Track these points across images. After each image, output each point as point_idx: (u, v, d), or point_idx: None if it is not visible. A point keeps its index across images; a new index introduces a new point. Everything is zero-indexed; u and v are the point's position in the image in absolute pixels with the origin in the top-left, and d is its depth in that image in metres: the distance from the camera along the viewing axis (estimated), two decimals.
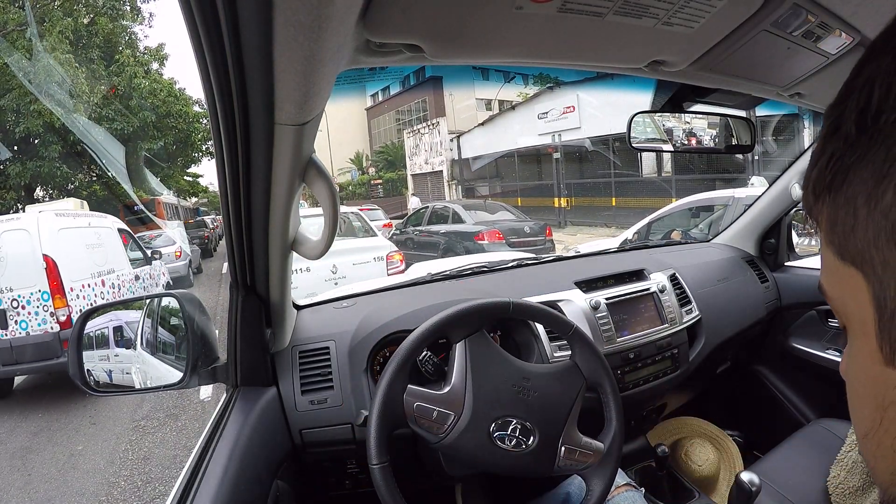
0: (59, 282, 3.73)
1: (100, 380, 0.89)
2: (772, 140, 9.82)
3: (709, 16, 0.51)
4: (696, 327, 1.29)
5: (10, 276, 3.67)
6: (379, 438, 0.69)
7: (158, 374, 0.91)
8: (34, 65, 10.22)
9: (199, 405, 3.53)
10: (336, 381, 0.94)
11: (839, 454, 1.01)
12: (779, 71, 0.71)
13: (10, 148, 11.61)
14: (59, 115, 10.48)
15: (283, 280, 0.82)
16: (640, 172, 12.63)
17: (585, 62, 0.61)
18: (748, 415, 1.66)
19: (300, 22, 0.36)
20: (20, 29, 10.87)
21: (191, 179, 23.86)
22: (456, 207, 7.95)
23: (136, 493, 2.52)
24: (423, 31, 0.46)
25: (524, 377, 0.77)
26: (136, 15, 13.50)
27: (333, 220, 0.64)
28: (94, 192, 13.20)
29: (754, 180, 6.85)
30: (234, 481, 0.67)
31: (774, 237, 1.56)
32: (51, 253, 3.76)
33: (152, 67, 14.06)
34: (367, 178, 25.28)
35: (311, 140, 0.57)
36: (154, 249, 6.16)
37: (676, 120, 1.02)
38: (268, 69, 0.41)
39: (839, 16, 0.57)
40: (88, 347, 0.88)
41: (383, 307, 1.06)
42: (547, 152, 13.93)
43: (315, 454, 0.95)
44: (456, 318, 0.77)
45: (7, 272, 3.68)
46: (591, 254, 1.56)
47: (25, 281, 3.68)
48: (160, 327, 0.98)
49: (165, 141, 14.51)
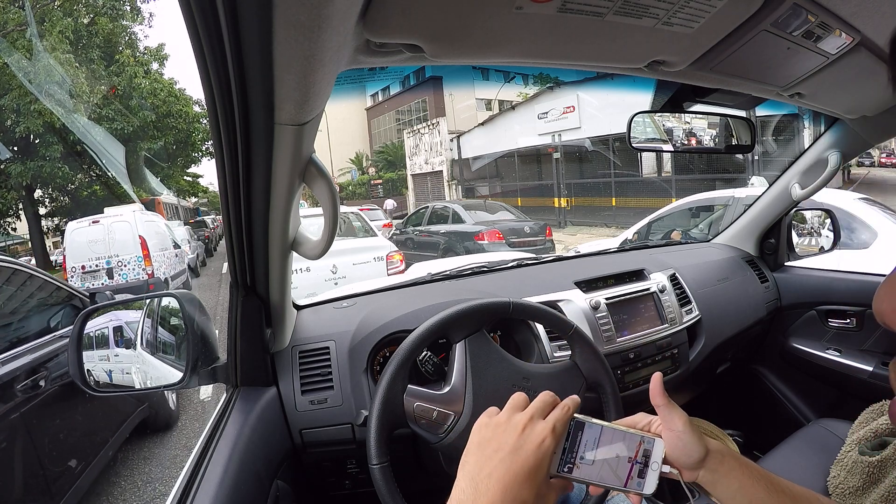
0: (148, 251, 6.57)
1: (100, 380, 0.89)
2: (772, 140, 9.82)
3: (709, 16, 0.51)
4: (696, 327, 1.29)
5: (117, 248, 6.54)
6: (379, 438, 0.68)
7: (158, 374, 0.91)
8: (34, 65, 10.22)
9: (199, 405, 3.53)
10: (336, 381, 0.94)
11: (839, 454, 1.01)
12: (779, 71, 0.71)
13: (10, 148, 11.62)
14: (59, 115, 10.49)
15: (283, 280, 0.82)
16: (640, 172, 12.63)
17: (585, 62, 0.61)
18: (748, 415, 1.66)
19: (300, 22, 0.36)
20: (20, 29, 10.87)
21: (191, 179, 23.85)
22: (456, 207, 7.94)
23: (136, 493, 2.52)
24: (423, 31, 0.46)
25: (524, 377, 0.77)
26: (136, 15, 13.51)
27: (333, 220, 0.64)
28: (94, 192, 13.20)
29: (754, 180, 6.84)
30: (234, 481, 0.67)
31: (774, 237, 1.56)
32: (143, 234, 6.62)
33: (152, 67, 14.08)
34: (367, 178, 25.28)
35: (311, 140, 0.57)
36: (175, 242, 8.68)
37: (676, 120, 1.02)
38: (268, 69, 0.41)
39: (839, 16, 0.57)
40: (88, 347, 0.88)
41: (383, 307, 1.06)
42: (547, 152, 13.93)
43: (315, 454, 0.94)
44: (456, 318, 0.77)
45: (115, 245, 6.54)
46: (591, 254, 1.56)
47: (128, 250, 6.51)
48: (160, 327, 0.98)
49: (165, 141, 14.51)
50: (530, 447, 0.46)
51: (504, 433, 0.47)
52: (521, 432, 0.47)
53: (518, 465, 0.45)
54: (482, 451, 0.47)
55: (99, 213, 7.53)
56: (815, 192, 1.31)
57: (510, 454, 0.45)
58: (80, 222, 6.86)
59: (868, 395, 1.16)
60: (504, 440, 0.46)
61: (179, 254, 8.33)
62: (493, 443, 0.47)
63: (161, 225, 7.86)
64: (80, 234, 6.63)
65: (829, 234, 1.57)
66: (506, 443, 0.46)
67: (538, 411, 0.49)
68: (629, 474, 0.50)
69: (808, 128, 9.22)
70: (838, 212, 1.69)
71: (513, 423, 0.48)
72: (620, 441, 0.51)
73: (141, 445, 2.98)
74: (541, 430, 0.47)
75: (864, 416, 1.05)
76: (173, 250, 7.82)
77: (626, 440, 0.51)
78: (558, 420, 0.49)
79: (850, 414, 1.10)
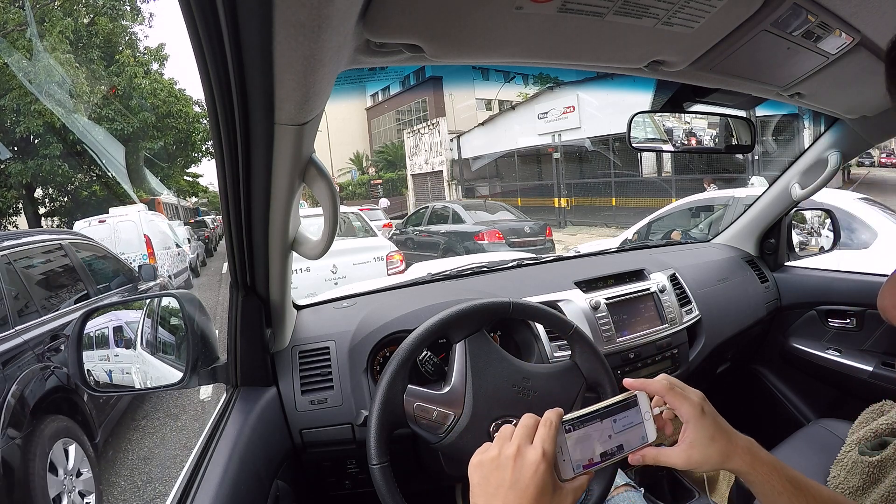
0: (153, 249, 6.90)
1: (100, 379, 0.89)
2: (772, 140, 9.82)
3: (709, 16, 0.51)
4: (696, 327, 1.29)
5: (123, 246, 6.67)
6: (379, 438, 0.68)
7: (158, 374, 0.91)
8: (34, 65, 10.22)
9: (199, 405, 3.53)
10: (336, 381, 0.94)
11: (839, 454, 1.01)
12: (779, 71, 0.71)
13: (10, 148, 11.61)
14: (59, 115, 10.49)
15: (283, 280, 0.82)
16: (640, 172, 12.63)
17: (585, 62, 0.61)
18: (748, 415, 1.66)
19: (300, 22, 0.36)
20: (20, 29, 10.86)
21: (191, 179, 23.86)
22: (456, 207, 7.94)
23: (136, 493, 2.52)
24: (423, 31, 0.46)
25: (524, 377, 0.77)
26: (136, 15, 13.50)
27: (333, 220, 0.64)
28: (94, 192, 13.20)
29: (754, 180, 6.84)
30: (234, 481, 0.67)
31: (774, 237, 1.56)
32: (147, 233, 6.96)
33: (152, 67, 14.06)
34: (367, 178, 25.28)
35: (311, 140, 0.57)
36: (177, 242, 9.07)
37: (676, 120, 1.02)
38: (268, 69, 0.41)
39: (839, 16, 0.57)
40: (88, 347, 0.88)
41: (383, 307, 1.06)
42: (547, 152, 13.93)
43: (315, 454, 0.94)
44: (456, 318, 0.77)
45: (120, 244, 6.71)
46: (591, 254, 1.56)
47: (132, 249, 6.72)
48: (160, 327, 0.98)
49: (165, 141, 14.50)
50: (526, 477, 0.47)
51: (498, 470, 0.48)
52: (514, 465, 0.48)
53: (521, 496, 0.46)
54: (485, 490, 0.48)
55: (98, 212, 7.83)
56: (815, 192, 1.31)
57: (511, 489, 0.47)
58: (87, 221, 7.21)
59: (868, 395, 1.16)
60: (501, 477, 0.48)
61: (181, 253, 8.60)
62: (493, 480, 0.48)
63: (163, 224, 8.18)
64: (86, 233, 6.89)
65: (829, 234, 1.57)
66: (504, 479, 0.47)
67: (524, 438, 0.50)
68: (631, 437, 0.54)
69: (808, 128, 9.22)
70: (838, 212, 1.69)
71: (503, 457, 0.49)
72: (608, 418, 0.55)
73: (141, 445, 2.98)
74: (531, 458, 0.48)
75: (864, 416, 1.05)
76: (175, 249, 8.10)
77: (613, 413, 0.55)
78: (545, 440, 0.49)
79: (850, 414, 1.10)
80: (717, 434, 0.52)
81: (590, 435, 0.53)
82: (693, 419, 0.52)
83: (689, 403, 0.53)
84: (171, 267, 7.42)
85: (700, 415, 0.52)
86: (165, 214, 12.89)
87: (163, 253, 7.25)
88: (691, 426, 0.52)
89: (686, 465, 0.52)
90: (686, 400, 0.53)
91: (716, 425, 0.52)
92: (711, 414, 0.53)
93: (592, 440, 0.53)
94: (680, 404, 0.53)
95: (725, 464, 0.51)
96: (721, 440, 0.51)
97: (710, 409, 0.53)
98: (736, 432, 0.53)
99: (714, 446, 0.51)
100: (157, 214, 8.75)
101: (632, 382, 0.56)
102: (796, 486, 0.51)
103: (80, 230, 6.82)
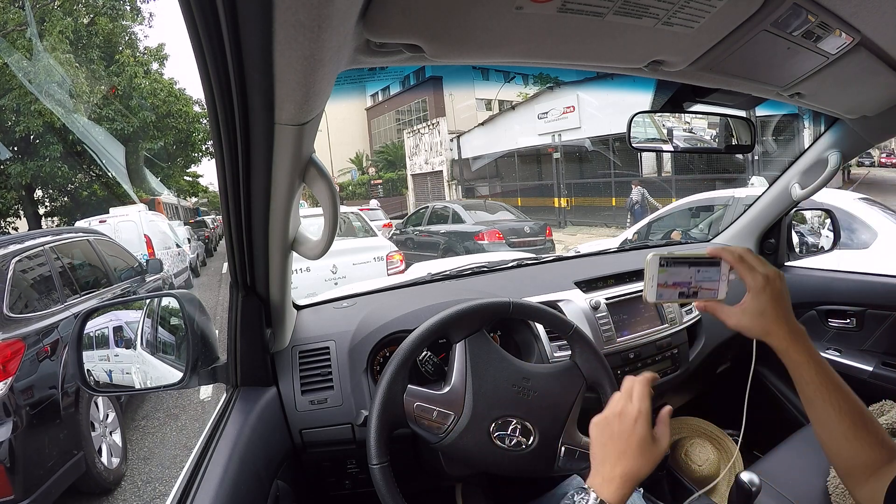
0: (153, 249, 6.98)
1: (100, 379, 0.89)
2: (772, 140, 9.82)
3: (709, 16, 0.51)
4: (696, 327, 1.29)
5: (124, 245, 6.64)
6: (379, 438, 0.68)
7: (158, 374, 0.91)
8: (34, 65, 10.22)
9: (199, 405, 3.53)
10: (336, 381, 0.94)
11: None
12: (779, 71, 0.71)
13: (10, 148, 11.61)
14: (59, 115, 10.48)
15: (283, 280, 0.82)
16: (640, 172, 12.62)
17: (585, 62, 0.61)
18: (748, 415, 1.66)
19: (300, 22, 0.36)
20: (20, 29, 10.86)
21: (191, 179, 23.84)
22: (456, 207, 7.94)
23: (136, 493, 2.52)
24: (423, 31, 0.46)
25: (524, 377, 0.77)
26: (136, 15, 13.49)
27: (333, 220, 0.64)
28: (93, 192, 13.20)
29: (754, 180, 6.85)
30: (234, 481, 0.67)
31: (774, 237, 1.56)
32: (147, 233, 7.11)
33: (152, 67, 14.06)
34: (367, 178, 25.28)
35: (311, 140, 0.57)
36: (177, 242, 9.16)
37: (676, 120, 1.02)
38: (268, 69, 0.41)
39: (839, 16, 0.57)
40: (88, 347, 0.88)
41: (383, 307, 1.06)
42: (547, 152, 13.93)
43: (315, 454, 0.94)
44: (456, 318, 0.77)
45: (122, 243, 6.69)
46: (591, 254, 1.56)
47: (133, 248, 6.35)
48: (160, 327, 0.98)
49: (165, 141, 14.49)
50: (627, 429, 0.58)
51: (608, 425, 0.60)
52: (619, 420, 0.59)
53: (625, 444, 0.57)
54: (600, 440, 0.60)
55: (98, 212, 7.85)
56: (815, 192, 1.31)
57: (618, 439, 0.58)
58: (87, 221, 7.31)
59: (868, 395, 1.15)
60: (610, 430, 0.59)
61: (181, 253, 8.70)
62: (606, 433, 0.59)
63: (163, 224, 8.29)
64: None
65: (829, 234, 1.57)
66: (613, 432, 0.59)
67: (625, 398, 0.60)
68: (705, 288, 0.65)
69: (808, 128, 9.23)
70: (838, 212, 1.69)
71: (611, 414, 0.60)
72: (694, 267, 0.64)
73: (141, 445, 2.98)
74: (630, 413, 0.59)
75: None
76: (175, 249, 8.20)
77: (699, 264, 0.64)
78: (641, 398, 0.60)
79: None
80: (769, 310, 0.58)
81: (679, 272, 0.63)
82: (753, 291, 0.59)
83: (752, 276, 0.59)
84: (172, 267, 7.46)
85: (760, 289, 0.58)
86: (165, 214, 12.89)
87: (163, 253, 7.32)
88: (750, 296, 0.59)
89: (735, 326, 0.60)
90: (751, 272, 0.59)
91: (773, 304, 0.58)
92: (775, 293, 0.58)
93: (679, 278, 0.63)
94: (745, 274, 0.60)
95: (765, 337, 0.59)
96: (770, 317, 0.58)
97: (777, 289, 0.59)
98: (793, 319, 0.59)
99: (761, 319, 0.58)
100: (157, 214, 8.81)
101: (715, 250, 0.63)
102: (828, 382, 0.57)
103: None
